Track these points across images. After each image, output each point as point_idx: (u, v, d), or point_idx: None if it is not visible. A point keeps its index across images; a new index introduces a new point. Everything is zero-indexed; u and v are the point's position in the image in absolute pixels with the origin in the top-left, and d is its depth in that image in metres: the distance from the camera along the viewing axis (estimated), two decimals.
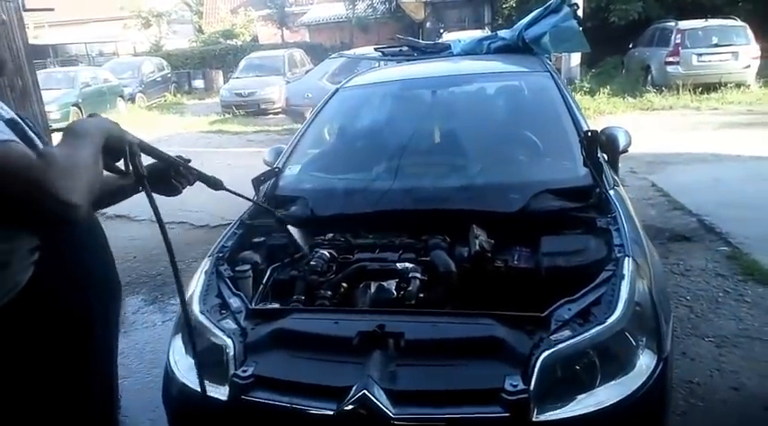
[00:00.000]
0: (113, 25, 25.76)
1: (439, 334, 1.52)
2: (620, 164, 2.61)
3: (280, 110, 11.98)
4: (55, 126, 10.39)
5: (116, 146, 1.16)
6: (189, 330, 1.50)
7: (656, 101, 10.27)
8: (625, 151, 2.54)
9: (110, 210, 1.79)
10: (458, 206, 2.08)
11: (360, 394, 1.35)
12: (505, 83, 2.93)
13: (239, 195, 1.86)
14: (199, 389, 1.46)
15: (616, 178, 2.31)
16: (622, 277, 1.60)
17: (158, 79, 17.33)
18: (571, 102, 2.54)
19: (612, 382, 1.44)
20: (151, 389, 2.60)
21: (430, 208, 2.10)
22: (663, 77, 10.95)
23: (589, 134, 2.05)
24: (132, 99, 15.26)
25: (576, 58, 11.71)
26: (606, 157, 2.51)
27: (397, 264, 1.86)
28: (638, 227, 1.97)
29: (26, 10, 2.45)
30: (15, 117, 1.17)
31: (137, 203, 1.48)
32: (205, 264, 1.95)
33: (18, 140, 1.00)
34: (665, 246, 4.08)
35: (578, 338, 1.44)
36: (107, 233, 1.35)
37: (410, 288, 1.76)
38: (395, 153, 2.47)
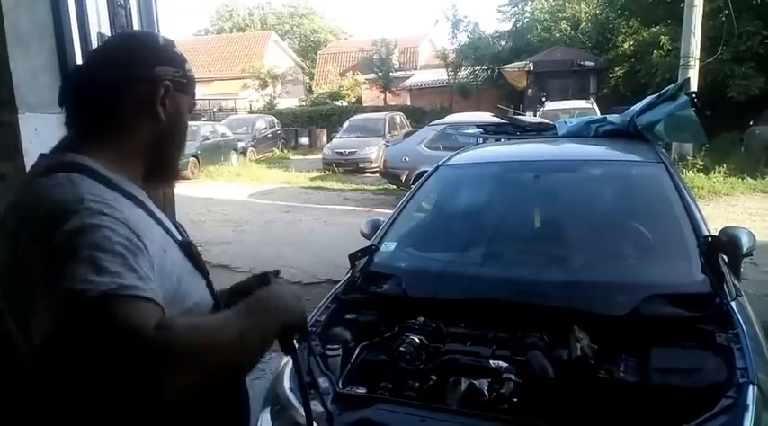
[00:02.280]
0: (234, 84, 28.26)
1: None
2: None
3: (377, 169, 12.37)
4: None
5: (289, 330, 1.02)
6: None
7: None
8: (749, 255, 2.32)
9: (214, 260, 1.85)
10: (559, 303, 1.98)
11: None
12: (615, 171, 2.81)
13: None
14: None
15: (738, 286, 2.11)
16: (746, 408, 1.43)
17: (269, 135, 18.64)
18: (688, 197, 2.39)
19: None
20: None
21: (528, 301, 2.02)
22: None
23: (710, 239, 1.90)
24: (244, 152, 16.46)
25: None
26: (726, 260, 2.32)
27: (491, 361, 1.79)
28: (763, 346, 1.77)
29: None
30: (189, 239, 1.03)
31: (239, 255, 1.55)
32: None
33: (150, 296, 0.77)
34: None
35: None
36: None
37: (503, 390, 1.68)
38: (493, 237, 2.43)
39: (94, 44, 2.10)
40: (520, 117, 7.13)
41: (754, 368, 1.57)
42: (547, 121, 4.19)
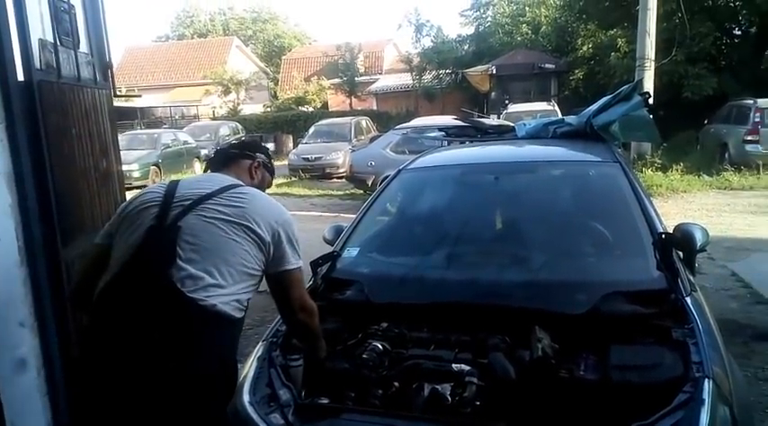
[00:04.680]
0: (196, 90, 27.83)
1: None
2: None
3: (343, 175, 12.33)
4: (135, 183, 11.20)
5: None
6: None
7: (734, 180, 9.77)
8: (703, 250, 2.37)
9: None
10: (519, 303, 1.99)
11: None
12: (573, 171, 2.85)
13: None
14: None
15: (693, 281, 2.16)
16: (702, 402, 1.45)
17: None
18: (643, 195, 2.44)
19: None
20: None
21: (489, 303, 2.02)
22: (741, 155, 10.48)
23: (664, 236, 1.94)
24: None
25: None
26: (681, 256, 2.37)
27: (453, 365, 1.77)
28: (717, 340, 1.80)
29: (116, 96, 2.66)
30: None
31: None
32: (258, 350, 1.95)
33: None
34: (747, 346, 3.73)
35: None
36: None
37: (466, 394, 1.67)
38: (454, 240, 2.42)
39: (36, 51, 2.02)
40: (481, 119, 7.21)
41: (710, 363, 1.59)
42: (507, 123, 4.23)
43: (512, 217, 2.57)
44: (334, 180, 13.08)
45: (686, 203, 8.72)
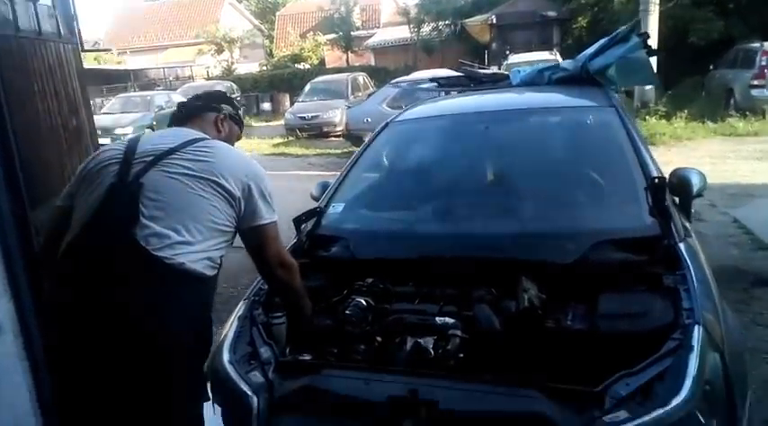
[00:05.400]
0: (190, 51, 27.24)
1: (475, 406, 1.38)
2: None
3: (341, 133, 12.14)
4: None
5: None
6: None
7: (739, 126, 9.55)
8: (699, 195, 2.29)
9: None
10: (507, 255, 1.93)
11: None
12: (566, 118, 2.73)
13: None
14: None
15: (688, 227, 2.08)
16: (691, 348, 1.40)
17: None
18: (638, 140, 2.34)
19: None
20: None
21: (476, 255, 1.96)
22: (747, 101, 10.20)
23: (656, 180, 1.85)
24: None
25: None
26: (677, 202, 2.29)
27: (437, 319, 1.73)
28: (711, 286, 1.74)
29: (84, 50, 2.54)
30: None
31: None
32: (240, 308, 1.90)
33: None
34: (747, 292, 3.69)
35: (637, 421, 1.25)
36: None
37: (449, 347, 1.63)
38: (443, 193, 2.35)
39: None
40: (476, 69, 7.00)
41: (700, 309, 1.54)
42: (501, 72, 4.08)
43: (502, 167, 2.49)
44: (332, 138, 12.89)
45: (690, 151, 8.56)
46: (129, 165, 1.55)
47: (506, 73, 3.85)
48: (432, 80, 4.17)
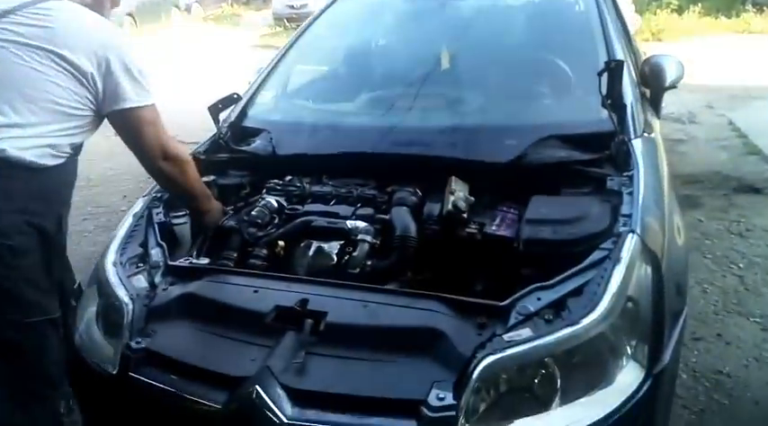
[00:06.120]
0: None
1: (367, 319, 1.22)
2: (696, 97, 2.08)
3: None
4: None
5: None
6: None
7: (753, 22, 8.88)
8: (673, 87, 2.01)
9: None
10: (441, 152, 1.69)
11: (251, 390, 1.10)
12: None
13: None
14: None
15: (652, 122, 1.83)
16: (618, 260, 1.22)
17: None
18: (611, 24, 2.01)
19: (577, 402, 1.11)
20: None
21: (406, 152, 1.73)
22: None
23: (612, 65, 1.57)
24: (188, 9, 14.96)
25: None
26: (648, 94, 2.02)
27: (348, 222, 1.54)
28: (662, 189, 1.53)
29: None
30: None
31: None
32: (136, 205, 1.71)
33: None
34: (728, 198, 3.50)
35: (538, 341, 1.10)
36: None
37: (355, 254, 1.46)
38: (383, 81, 2.08)
39: None
40: None
41: (640, 214, 1.34)
42: None
43: (454, 53, 2.17)
44: None
45: (697, 48, 8.00)
46: None
47: None
48: None
